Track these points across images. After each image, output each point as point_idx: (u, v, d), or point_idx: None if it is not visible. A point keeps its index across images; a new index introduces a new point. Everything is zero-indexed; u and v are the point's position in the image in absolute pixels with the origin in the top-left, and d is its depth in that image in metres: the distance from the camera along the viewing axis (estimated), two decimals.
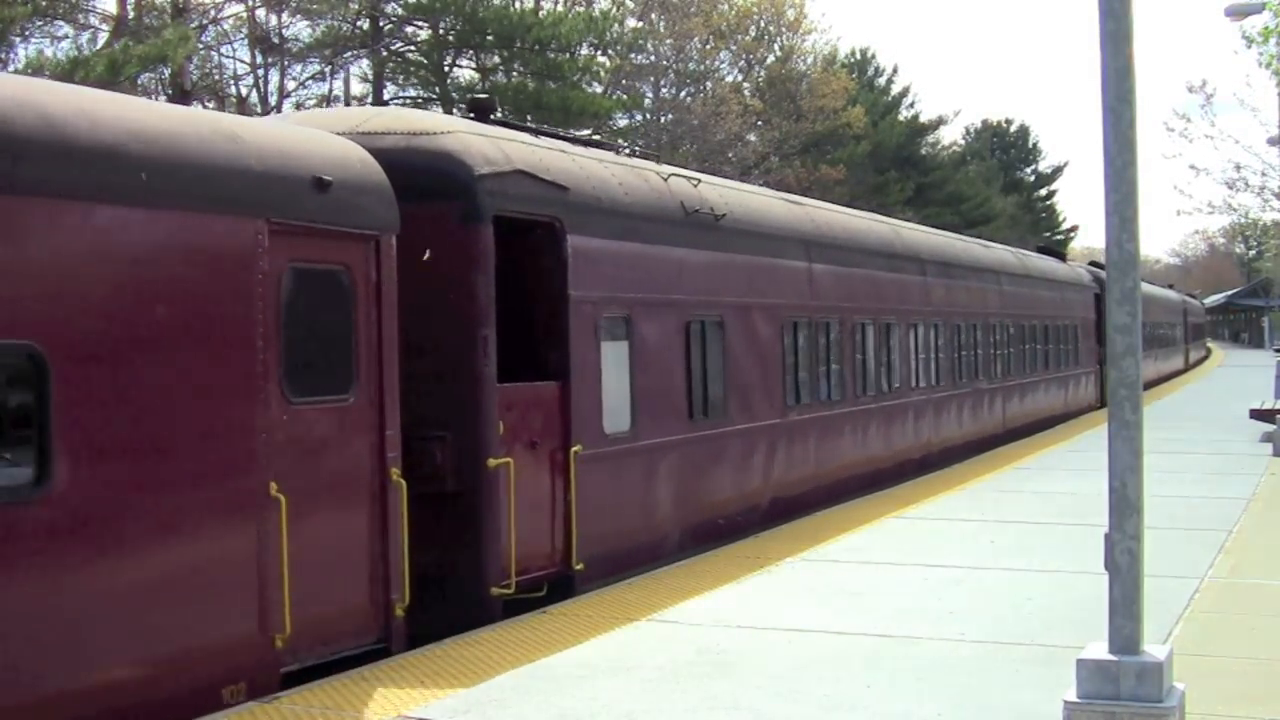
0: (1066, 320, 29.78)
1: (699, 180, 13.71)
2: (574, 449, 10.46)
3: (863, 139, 54.53)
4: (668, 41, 46.17)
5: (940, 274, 20.50)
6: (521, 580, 9.70)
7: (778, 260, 14.77)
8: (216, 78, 40.23)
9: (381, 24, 39.65)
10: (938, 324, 20.04)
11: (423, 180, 9.25)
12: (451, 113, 39.68)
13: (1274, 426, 20.83)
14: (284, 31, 39.47)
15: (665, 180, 12.88)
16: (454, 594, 9.42)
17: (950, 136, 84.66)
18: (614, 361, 11.17)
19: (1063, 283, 30.08)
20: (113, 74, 24.88)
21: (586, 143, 13.16)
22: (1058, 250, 32.10)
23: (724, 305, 13.31)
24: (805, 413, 15.17)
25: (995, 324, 23.37)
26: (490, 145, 10.08)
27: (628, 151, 15.43)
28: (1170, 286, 67.38)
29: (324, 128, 9.34)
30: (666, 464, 12.09)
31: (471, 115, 11.26)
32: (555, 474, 10.40)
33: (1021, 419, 25.06)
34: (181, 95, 29.42)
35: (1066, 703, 6.16)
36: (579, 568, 10.54)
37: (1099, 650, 6.29)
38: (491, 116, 11.34)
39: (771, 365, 14.37)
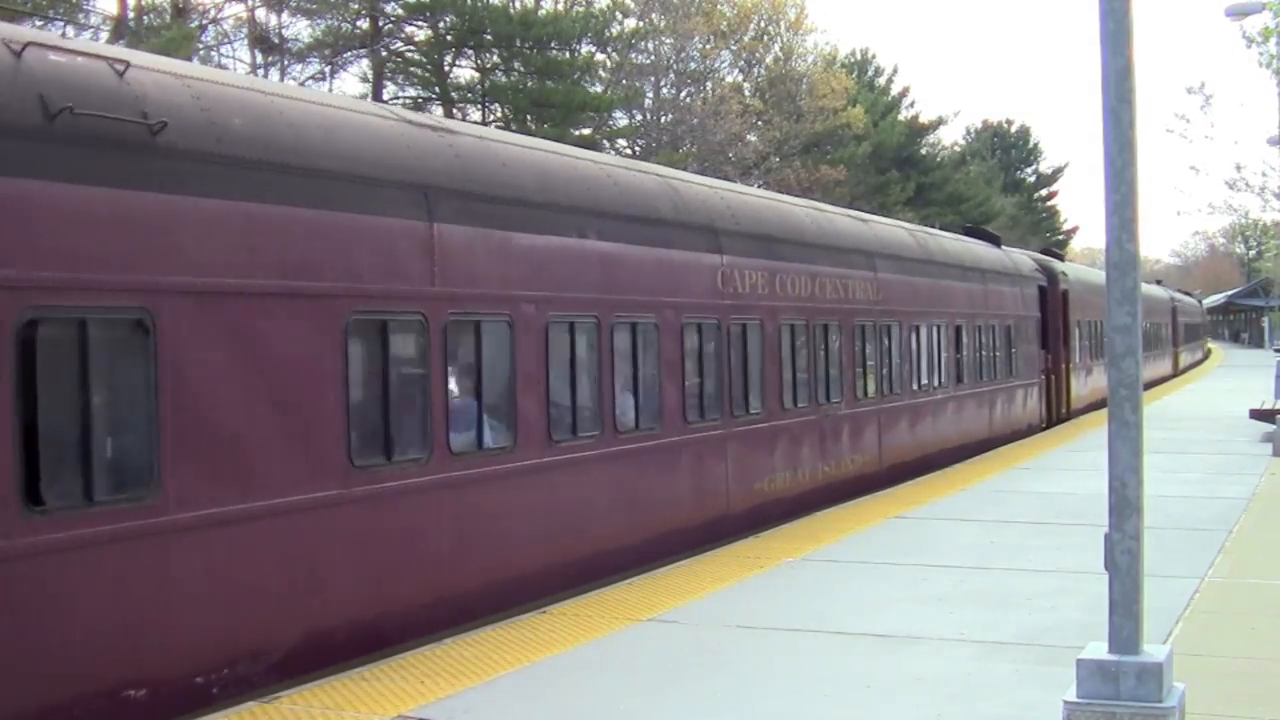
0: (999, 319, 23.65)
1: None
2: None
3: (863, 139, 54.54)
4: (668, 41, 46.18)
5: (761, 252, 14.66)
6: None
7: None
8: None
9: (381, 24, 39.67)
10: (746, 325, 14.10)
11: None
12: (452, 113, 39.79)
13: (1274, 426, 20.82)
14: (284, 31, 39.50)
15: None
16: None
17: (950, 137, 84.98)
18: None
19: (993, 273, 23.76)
20: None
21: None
22: (991, 234, 26.93)
23: None
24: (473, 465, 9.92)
25: (867, 324, 17.36)
26: None
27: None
28: (1158, 282, 61.48)
29: None
30: None
31: None
32: None
33: (912, 452, 18.91)
34: None
35: (1066, 703, 6.16)
36: None
37: (1099, 650, 6.29)
38: None
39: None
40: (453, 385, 9.80)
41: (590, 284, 11.47)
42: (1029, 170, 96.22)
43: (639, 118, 46.37)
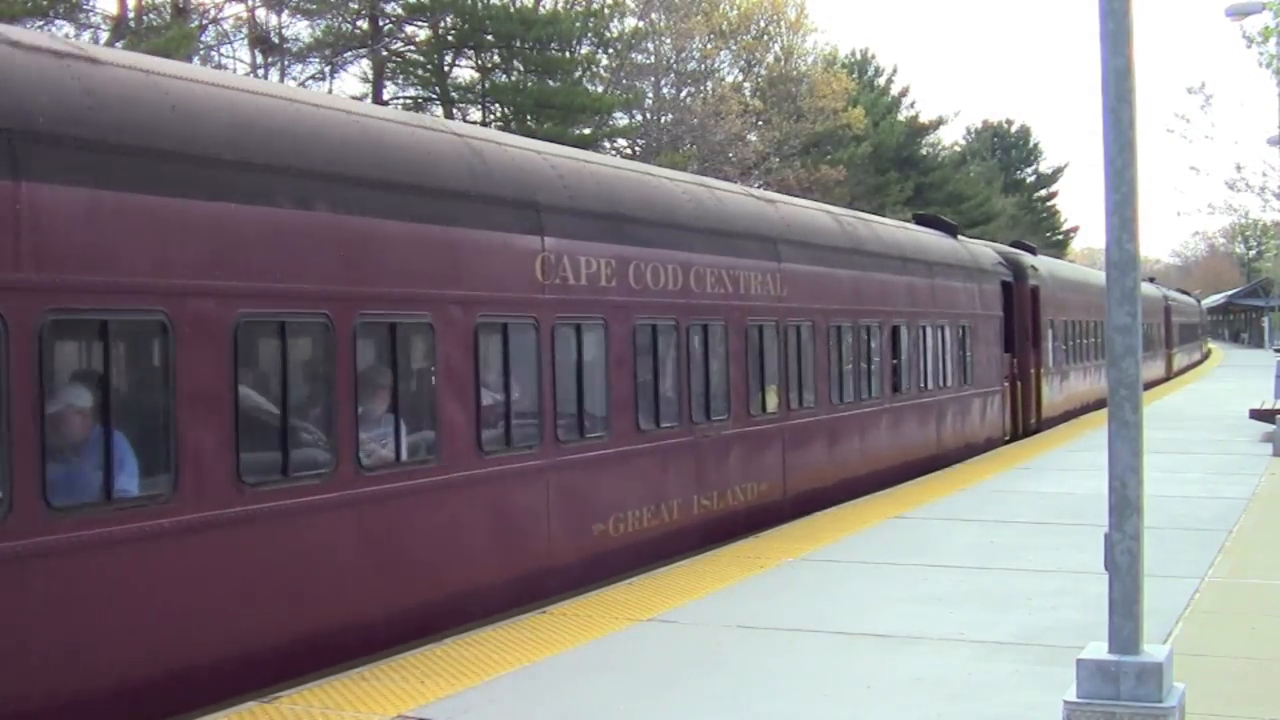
0: (951, 318, 20.47)
1: None
2: None
3: (863, 139, 54.54)
4: (668, 41, 46.18)
5: (606, 234, 11.79)
6: None
7: None
8: None
9: (381, 24, 39.65)
10: (582, 325, 11.32)
11: None
12: (452, 113, 39.79)
13: (1274, 426, 20.82)
14: (284, 31, 39.49)
15: None
16: None
17: (950, 137, 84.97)
18: None
19: (943, 265, 20.52)
20: None
21: None
22: (946, 222, 23.59)
23: None
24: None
25: (766, 325, 14.40)
26: None
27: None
28: (1151, 280, 55.11)
29: None
30: None
31: None
32: None
33: (830, 476, 15.78)
34: None
35: (1066, 703, 6.16)
36: None
37: (1099, 650, 6.28)
38: None
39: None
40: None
41: (319, 273, 8.49)
42: (1029, 170, 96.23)
43: (639, 118, 46.37)
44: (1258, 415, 24.20)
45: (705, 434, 13.08)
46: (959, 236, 22.86)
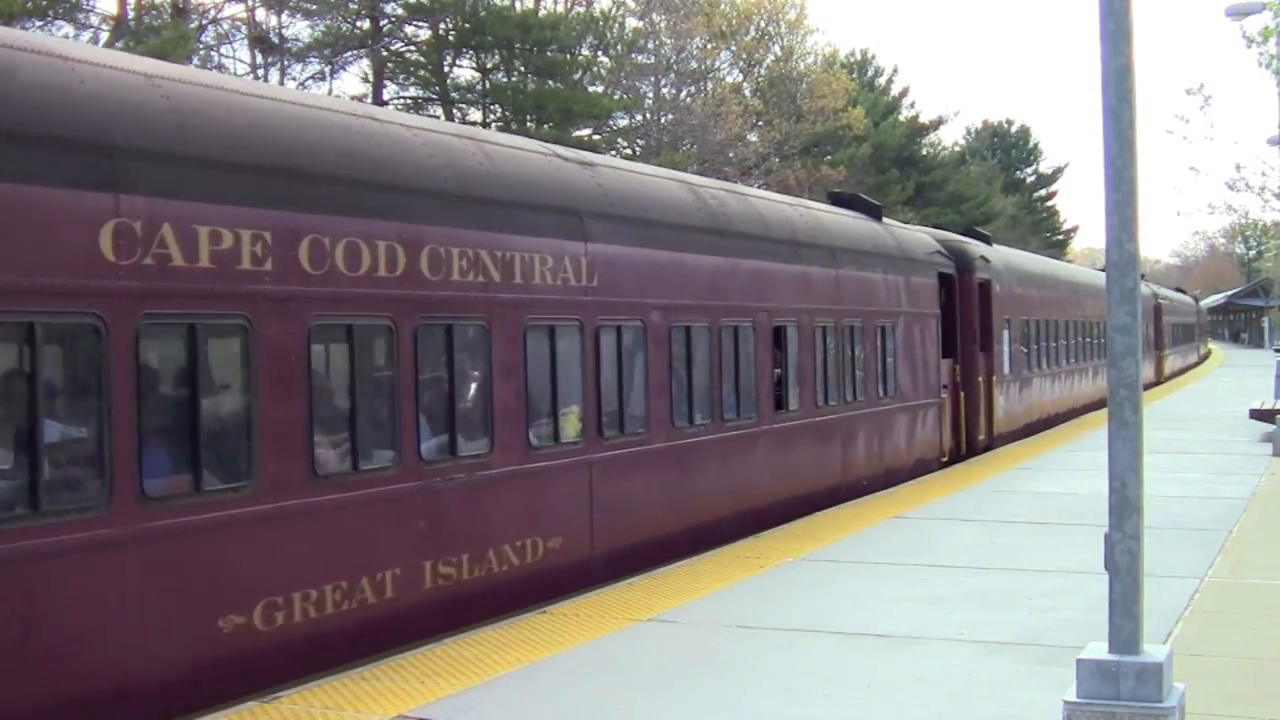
0: (865, 316, 17.06)
1: None
2: None
3: (863, 140, 54.55)
4: (668, 41, 46.18)
5: (252, 196, 8.11)
6: None
7: None
8: None
9: (381, 24, 39.67)
10: (196, 326, 7.74)
11: None
12: (451, 114, 39.81)
13: (1274, 426, 20.82)
14: (284, 31, 39.49)
15: None
16: None
17: (950, 137, 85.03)
18: None
19: (853, 253, 17.11)
20: None
21: None
22: (869, 202, 20.01)
23: None
24: None
25: (560, 326, 10.98)
26: None
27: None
28: (1141, 277, 55.92)
29: None
30: None
31: None
32: None
33: (669, 524, 12.34)
34: None
35: (1066, 703, 6.16)
36: None
37: (1099, 650, 6.29)
38: None
39: None
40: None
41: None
42: (1029, 170, 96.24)
43: (639, 118, 46.39)
44: (1258, 415, 24.21)
45: (446, 476, 9.44)
46: (884, 220, 19.54)
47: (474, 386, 10.17)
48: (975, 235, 24.71)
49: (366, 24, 39.25)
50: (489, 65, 41.56)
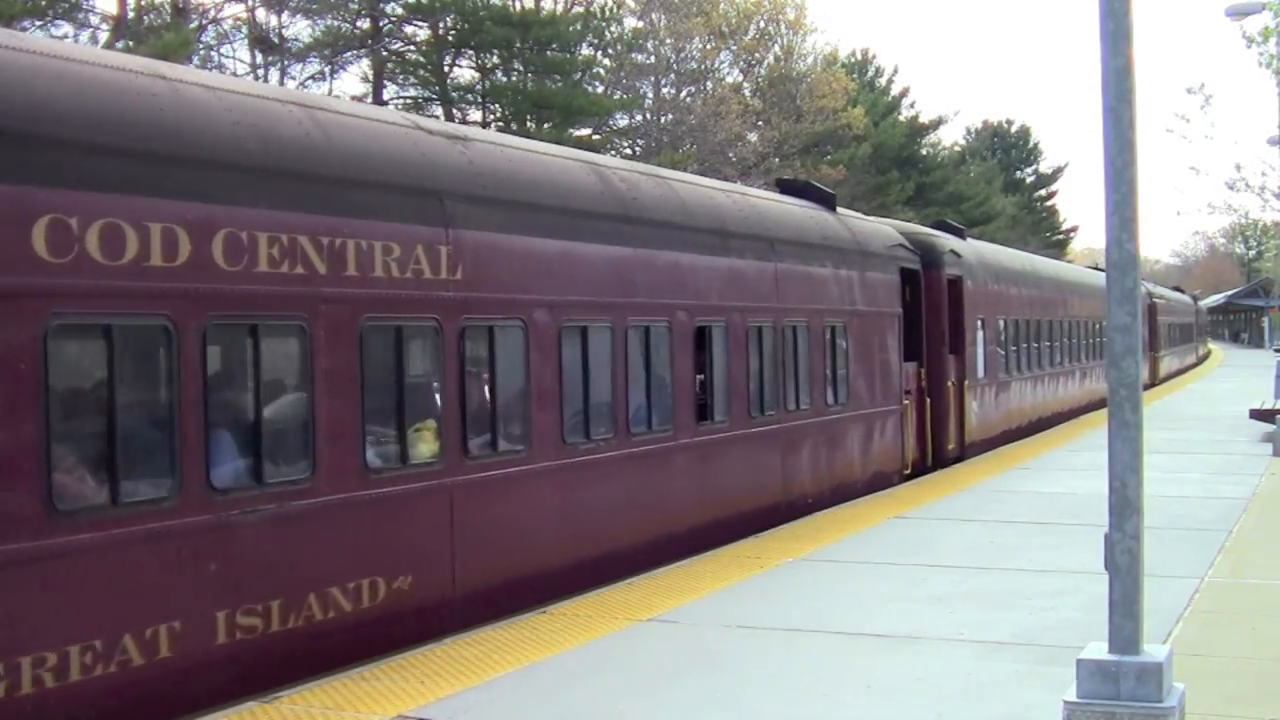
0: (811, 315, 15.45)
1: None
2: None
3: (863, 140, 54.57)
4: (668, 41, 46.19)
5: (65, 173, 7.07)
6: None
7: None
8: None
9: (381, 24, 39.68)
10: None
11: None
12: (451, 114, 39.81)
13: (1274, 426, 20.83)
14: (284, 31, 39.50)
15: None
16: None
17: (950, 137, 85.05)
18: None
19: (797, 245, 15.35)
20: None
21: None
22: (822, 190, 18.07)
23: None
24: None
25: (408, 327, 9.42)
26: None
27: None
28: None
29: None
30: None
31: None
32: None
33: (556, 556, 10.71)
34: None
35: (1066, 703, 6.16)
36: None
37: (1099, 650, 6.29)
38: None
39: None
40: None
41: None
42: (1029, 170, 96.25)
43: (639, 118, 46.41)
44: (1258, 415, 24.22)
45: (248, 508, 7.93)
46: (839, 210, 17.83)
47: (289, 399, 8.57)
48: (948, 229, 23.08)
49: (366, 24, 39.27)
50: (489, 65, 41.57)
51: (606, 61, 44.75)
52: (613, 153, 42.27)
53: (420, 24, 40.54)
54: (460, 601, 9.55)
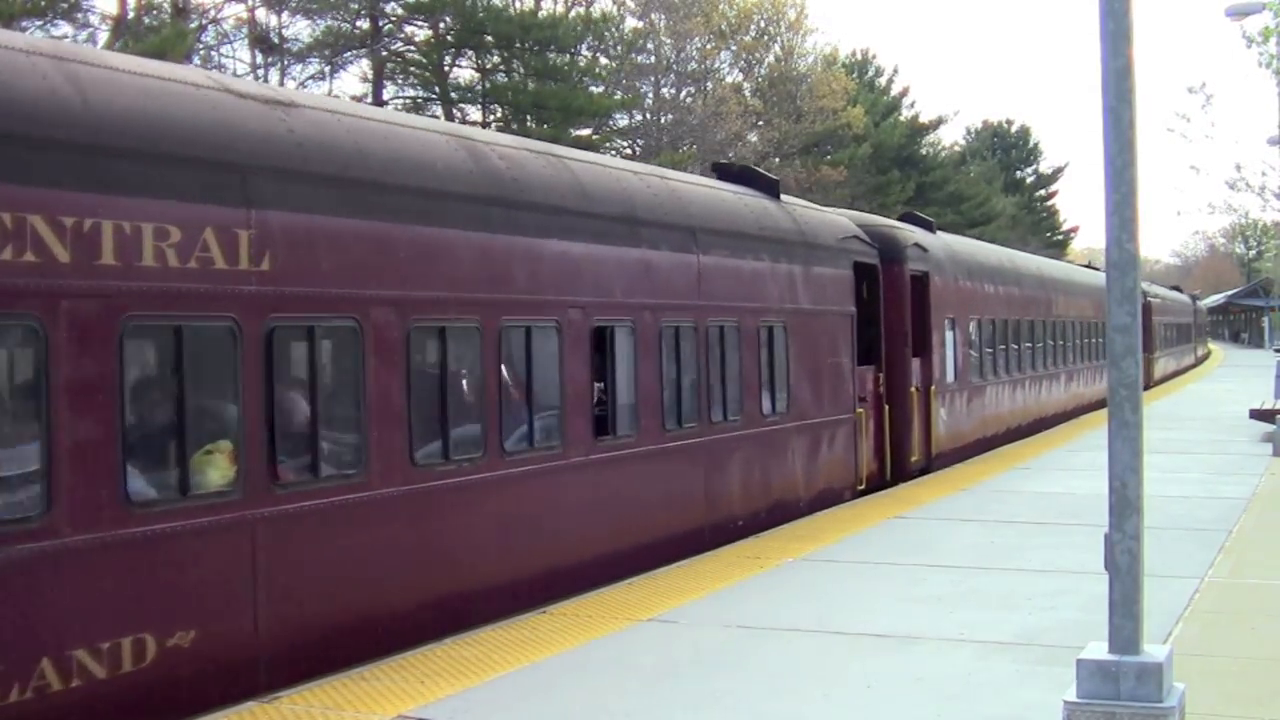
0: (745, 314, 13.75)
1: None
2: None
3: (863, 140, 54.60)
4: (668, 41, 46.21)
5: None
6: None
7: None
8: None
9: (381, 24, 39.68)
10: None
11: None
12: (451, 114, 39.82)
13: (1274, 426, 20.83)
14: (284, 31, 39.52)
15: None
16: None
17: (950, 137, 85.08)
18: None
19: (734, 236, 13.78)
20: None
21: None
22: (763, 175, 16.35)
23: None
24: None
25: (226, 323, 7.92)
26: None
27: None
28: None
29: None
30: None
31: None
32: None
33: (383, 607, 8.84)
34: None
35: (1066, 703, 6.16)
36: None
37: (1099, 650, 6.29)
38: None
39: None
40: None
41: None
42: (1029, 170, 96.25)
43: (639, 118, 46.42)
44: (1258, 415, 24.22)
45: None
46: (784, 197, 16.09)
47: (13, 417, 7.15)
48: (915, 221, 21.32)
49: (366, 24, 39.27)
50: (489, 65, 41.57)
51: (606, 61, 44.76)
52: (612, 153, 42.30)
53: (420, 24, 40.55)
54: (267, 659, 7.92)
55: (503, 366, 10.08)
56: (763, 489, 14.08)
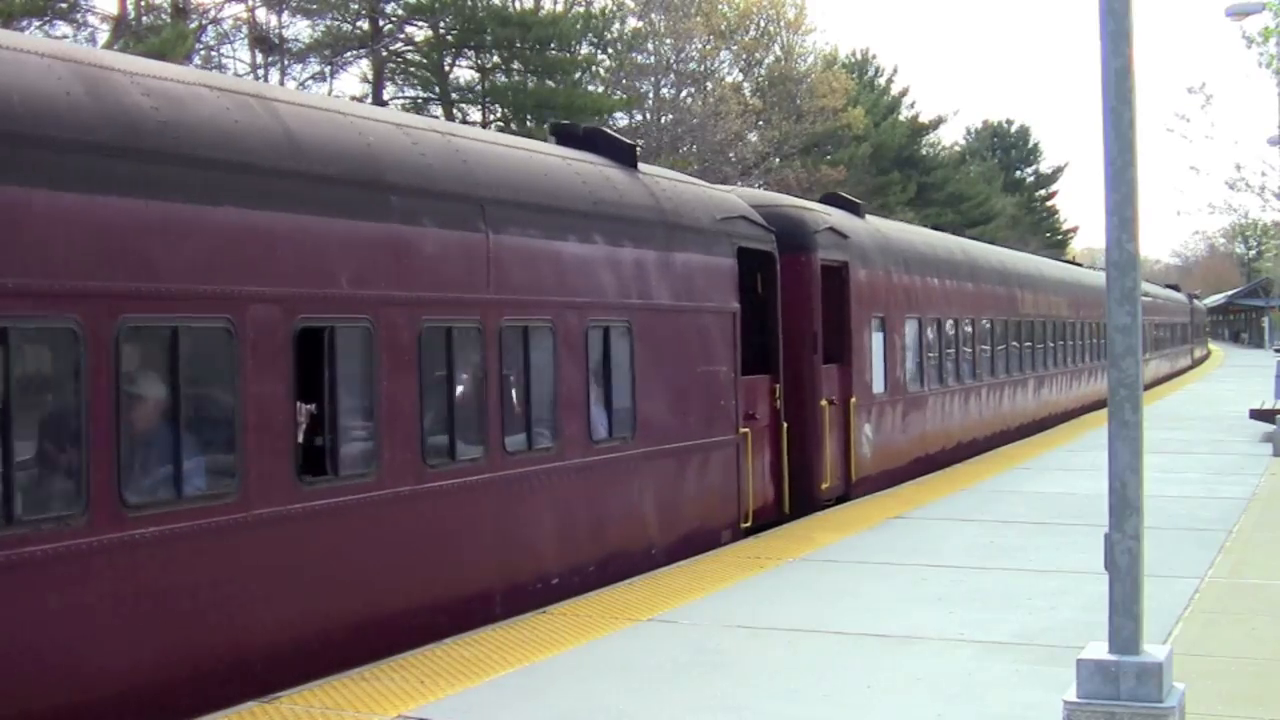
0: (577, 311, 10.85)
1: None
2: None
3: (863, 140, 54.60)
4: (668, 41, 46.20)
5: None
6: None
7: None
8: None
9: (381, 24, 39.68)
10: None
11: None
12: (451, 114, 39.81)
13: (1274, 426, 20.83)
14: (284, 31, 39.51)
15: None
16: None
17: (950, 137, 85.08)
18: None
19: (562, 214, 10.87)
20: None
21: None
22: (618, 140, 13.51)
23: None
24: None
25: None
26: None
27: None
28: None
29: None
30: None
31: None
32: None
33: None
34: None
35: (1066, 703, 6.16)
36: None
37: (1099, 650, 6.28)
38: None
39: None
40: None
41: None
42: (1029, 170, 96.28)
43: (639, 118, 46.41)
44: (1258, 415, 24.22)
45: None
46: (642, 166, 13.55)
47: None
48: (839, 203, 18.17)
49: (366, 24, 39.26)
50: (489, 65, 41.57)
51: (606, 61, 44.76)
52: None
53: (420, 24, 40.55)
54: None
55: (121, 385, 6.86)
56: (592, 536, 11.01)
